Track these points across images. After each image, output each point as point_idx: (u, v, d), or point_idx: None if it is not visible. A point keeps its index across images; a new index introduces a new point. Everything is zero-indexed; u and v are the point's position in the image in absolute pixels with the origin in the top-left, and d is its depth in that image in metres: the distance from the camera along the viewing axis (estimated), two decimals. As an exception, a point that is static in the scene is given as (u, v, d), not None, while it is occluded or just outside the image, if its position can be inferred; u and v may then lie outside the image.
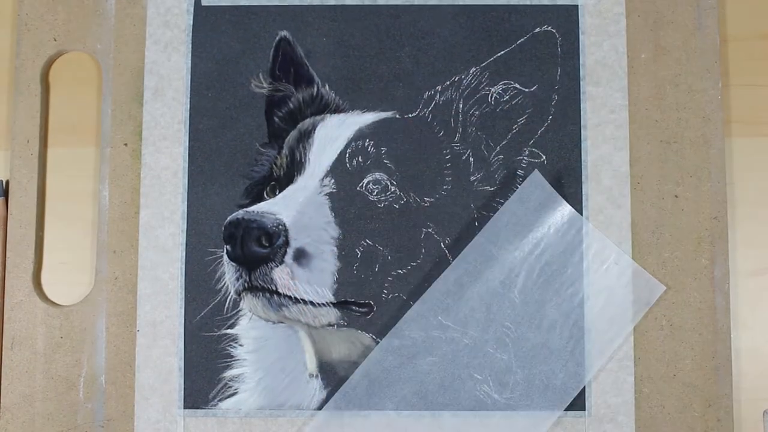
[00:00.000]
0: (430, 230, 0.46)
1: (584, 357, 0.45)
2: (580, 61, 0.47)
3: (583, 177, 0.46)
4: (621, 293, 0.45)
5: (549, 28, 0.47)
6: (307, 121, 0.47)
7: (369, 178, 0.46)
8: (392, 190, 0.46)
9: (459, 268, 0.45)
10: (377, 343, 0.45)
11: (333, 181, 0.46)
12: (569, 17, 0.47)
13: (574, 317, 0.45)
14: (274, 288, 0.44)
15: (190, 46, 0.48)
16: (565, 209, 0.46)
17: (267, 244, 0.44)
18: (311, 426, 0.45)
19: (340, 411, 0.45)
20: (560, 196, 0.46)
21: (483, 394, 0.45)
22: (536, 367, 0.45)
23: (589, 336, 0.45)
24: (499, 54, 0.47)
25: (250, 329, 0.46)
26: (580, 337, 0.45)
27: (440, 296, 0.45)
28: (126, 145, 0.47)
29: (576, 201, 0.46)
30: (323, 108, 0.47)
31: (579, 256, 0.45)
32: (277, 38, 0.48)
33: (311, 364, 0.46)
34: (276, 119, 0.47)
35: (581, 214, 0.46)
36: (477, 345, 0.45)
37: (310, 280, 0.44)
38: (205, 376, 0.45)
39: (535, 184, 0.46)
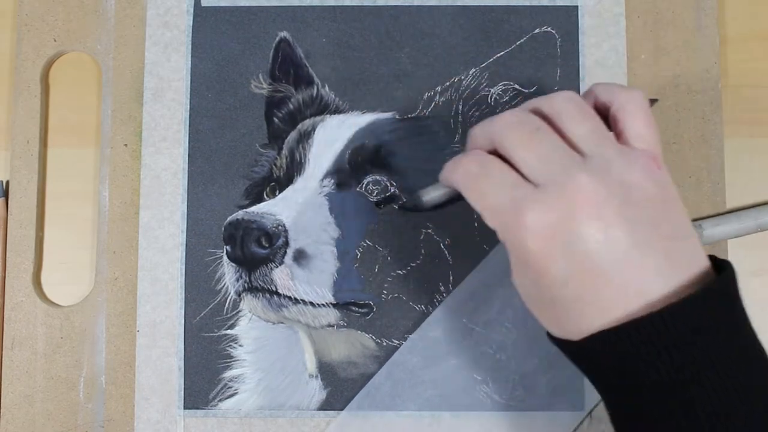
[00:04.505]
0: (429, 231, 0.46)
1: None
2: (580, 62, 0.47)
3: (582, 178, 0.46)
4: None
5: (548, 29, 0.47)
6: (307, 122, 0.47)
7: (368, 178, 0.46)
8: (392, 190, 0.46)
9: (485, 271, 0.45)
10: (377, 343, 0.45)
11: (332, 181, 0.46)
12: (569, 18, 0.47)
13: None
14: (274, 288, 0.44)
15: (190, 46, 0.48)
16: None
17: (267, 245, 0.44)
18: (334, 425, 0.45)
19: (364, 411, 0.45)
20: None
21: (508, 397, 0.45)
22: (561, 371, 0.44)
23: None
24: (498, 55, 0.47)
25: (250, 330, 0.46)
26: None
27: (465, 298, 0.45)
28: (126, 145, 0.47)
29: (575, 202, 0.46)
30: (323, 109, 0.47)
31: None
32: (277, 39, 0.48)
33: (311, 365, 0.46)
34: (276, 120, 0.47)
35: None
36: (502, 348, 0.45)
37: (310, 281, 0.44)
38: (205, 377, 0.46)
39: None
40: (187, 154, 0.47)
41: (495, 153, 0.34)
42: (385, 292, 0.46)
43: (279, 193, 0.46)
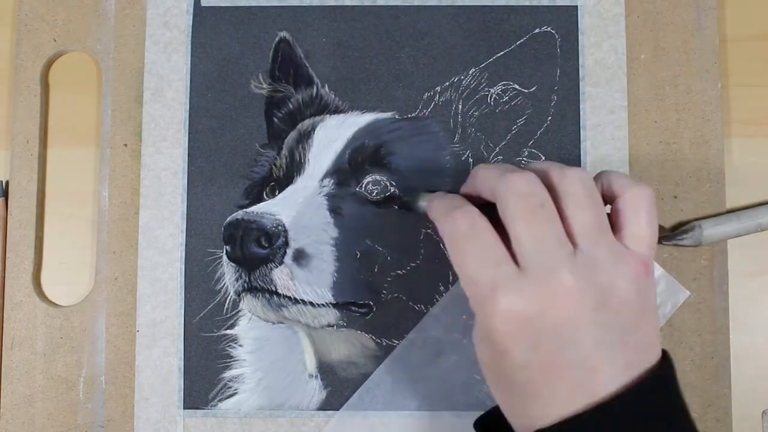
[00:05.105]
0: (429, 231, 0.46)
1: None
2: (580, 62, 0.47)
3: (582, 178, 0.46)
4: None
5: (548, 28, 0.47)
6: (307, 122, 0.47)
7: (368, 178, 0.46)
8: (391, 190, 0.46)
9: None
10: (377, 343, 0.45)
11: (332, 181, 0.46)
12: (568, 18, 0.47)
13: None
14: (273, 288, 0.44)
15: (190, 46, 0.48)
16: None
17: (266, 245, 0.44)
18: (332, 423, 0.45)
19: (362, 410, 0.45)
20: None
21: None
22: None
23: None
24: (498, 55, 0.47)
25: (250, 330, 0.46)
26: None
27: (465, 295, 0.45)
28: (126, 145, 0.47)
29: (575, 201, 0.46)
30: (323, 109, 0.47)
31: None
32: (277, 39, 0.48)
33: (311, 365, 0.46)
34: (275, 120, 0.47)
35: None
36: None
37: (310, 281, 0.44)
38: (204, 377, 0.46)
39: None
40: (186, 154, 0.47)
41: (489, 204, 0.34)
42: (384, 292, 0.46)
43: (279, 193, 0.46)
